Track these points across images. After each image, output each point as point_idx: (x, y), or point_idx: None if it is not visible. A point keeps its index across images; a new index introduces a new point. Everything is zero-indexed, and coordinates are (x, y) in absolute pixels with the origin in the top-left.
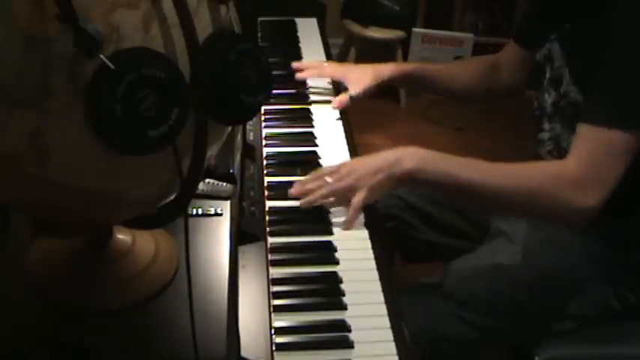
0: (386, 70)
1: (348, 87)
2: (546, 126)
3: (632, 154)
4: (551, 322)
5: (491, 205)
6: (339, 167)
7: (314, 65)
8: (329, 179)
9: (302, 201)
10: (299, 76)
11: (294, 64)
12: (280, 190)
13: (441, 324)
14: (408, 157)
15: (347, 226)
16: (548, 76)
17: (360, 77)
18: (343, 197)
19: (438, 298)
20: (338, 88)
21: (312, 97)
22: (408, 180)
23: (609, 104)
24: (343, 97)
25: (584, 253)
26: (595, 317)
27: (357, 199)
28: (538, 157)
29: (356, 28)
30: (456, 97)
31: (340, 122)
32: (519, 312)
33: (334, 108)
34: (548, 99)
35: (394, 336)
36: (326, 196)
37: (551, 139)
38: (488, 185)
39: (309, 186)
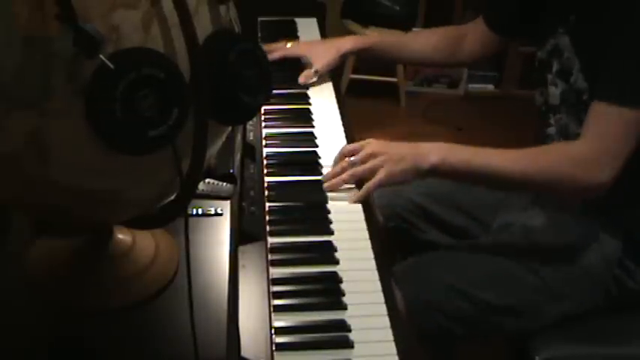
0: (347, 43)
1: (313, 62)
2: (552, 120)
3: None
4: (550, 302)
5: (512, 187)
6: (362, 147)
7: (278, 47)
8: (353, 159)
9: (325, 185)
10: (268, 57)
11: (264, 47)
12: (280, 190)
13: (437, 294)
14: (433, 150)
15: (353, 201)
16: (555, 69)
17: (322, 52)
18: (361, 179)
19: (436, 268)
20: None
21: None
22: (432, 174)
23: (620, 82)
24: (308, 72)
25: (584, 233)
26: (594, 303)
27: (374, 181)
28: None
29: (356, 28)
30: (415, 65)
31: (340, 122)
32: (517, 288)
33: (300, 82)
34: (556, 91)
35: (394, 336)
36: (347, 181)
37: (558, 132)
38: (511, 170)
39: (335, 169)
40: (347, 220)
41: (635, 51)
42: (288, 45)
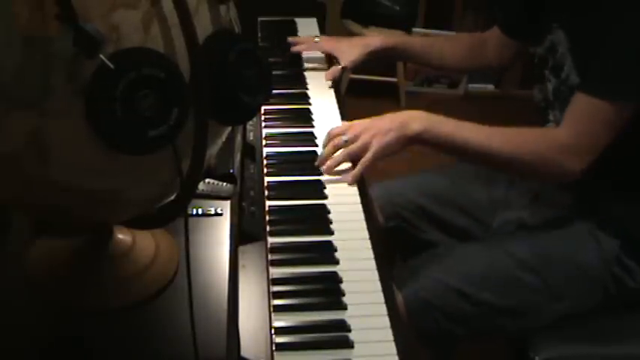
0: (373, 42)
1: (339, 59)
2: (551, 116)
3: (620, 124)
4: (550, 302)
5: (490, 164)
6: (347, 128)
7: (306, 40)
8: (344, 137)
9: (323, 168)
10: (293, 49)
11: (289, 39)
12: (280, 190)
13: (436, 294)
14: (416, 119)
15: (352, 181)
16: (550, 64)
17: (349, 49)
18: (355, 156)
19: (436, 269)
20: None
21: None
22: (416, 141)
23: (602, 76)
24: (335, 69)
25: (581, 232)
26: (594, 302)
27: (368, 156)
28: None
29: (356, 28)
30: (442, 70)
31: (340, 123)
32: (517, 288)
33: (327, 79)
34: (550, 86)
35: (394, 336)
36: (342, 161)
37: None
38: (490, 147)
39: (328, 149)
40: (347, 220)
41: (622, 48)
42: (316, 40)
